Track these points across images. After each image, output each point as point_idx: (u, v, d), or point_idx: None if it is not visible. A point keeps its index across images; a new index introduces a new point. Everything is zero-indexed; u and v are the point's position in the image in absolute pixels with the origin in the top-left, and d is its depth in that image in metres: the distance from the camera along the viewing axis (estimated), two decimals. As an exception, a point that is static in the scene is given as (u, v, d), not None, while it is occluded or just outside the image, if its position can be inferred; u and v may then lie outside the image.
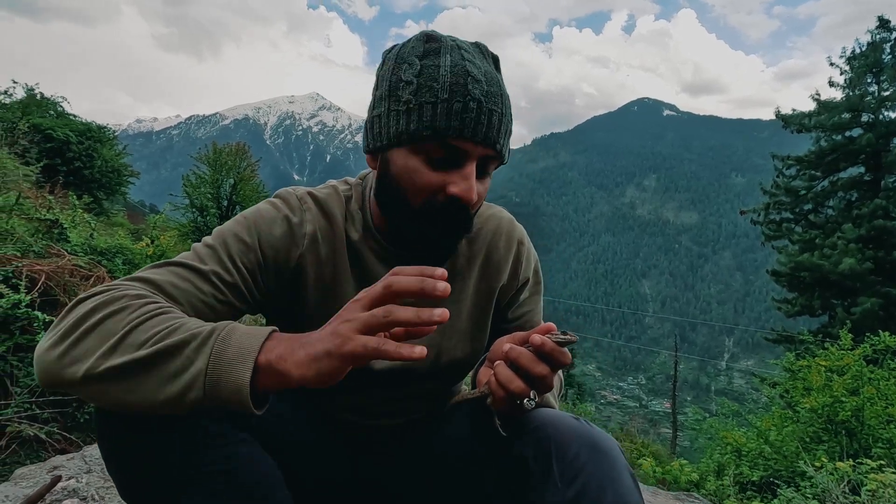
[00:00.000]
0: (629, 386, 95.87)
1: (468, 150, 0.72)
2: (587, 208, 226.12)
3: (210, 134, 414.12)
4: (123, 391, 0.56)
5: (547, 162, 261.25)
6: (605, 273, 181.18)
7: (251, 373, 0.53)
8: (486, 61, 0.76)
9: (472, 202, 0.73)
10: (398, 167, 0.74)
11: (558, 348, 0.66)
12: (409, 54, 0.74)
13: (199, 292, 0.69)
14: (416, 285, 0.55)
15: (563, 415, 0.74)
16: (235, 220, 0.79)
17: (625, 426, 18.94)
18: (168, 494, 0.63)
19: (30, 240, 2.52)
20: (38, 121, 11.19)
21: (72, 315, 0.60)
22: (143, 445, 0.62)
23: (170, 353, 0.55)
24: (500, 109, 0.73)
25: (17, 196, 2.89)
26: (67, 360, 0.57)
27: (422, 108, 0.71)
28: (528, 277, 0.93)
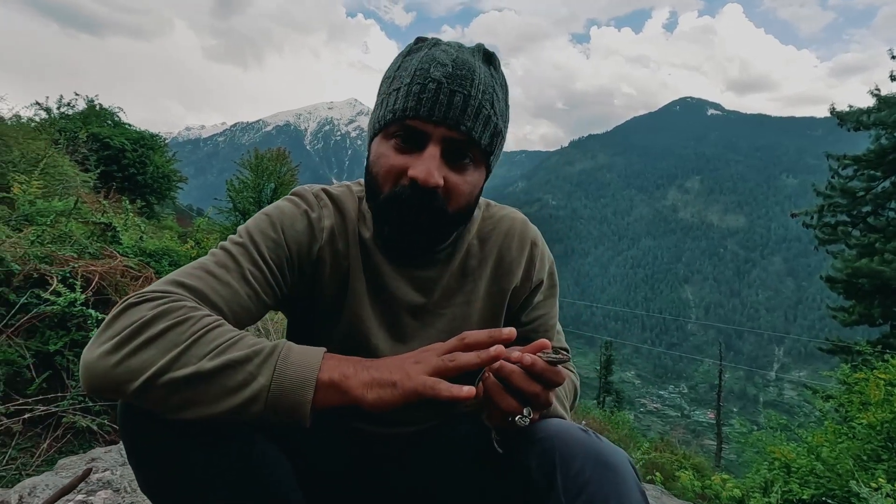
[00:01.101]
0: (670, 395, 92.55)
1: (427, 130, 0.72)
2: (626, 211, 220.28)
3: (253, 140, 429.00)
4: (183, 400, 0.58)
5: (584, 164, 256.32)
6: (645, 278, 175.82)
7: (313, 391, 0.58)
8: (472, 56, 0.76)
9: (428, 183, 0.71)
10: (373, 155, 0.77)
11: (550, 368, 0.64)
12: (398, 57, 0.79)
13: (237, 294, 0.71)
14: (485, 336, 0.62)
15: (571, 426, 0.72)
16: (260, 218, 0.80)
17: (665, 436, 18.29)
18: (185, 491, 0.65)
19: (86, 242, 2.68)
20: (97, 130, 11.90)
21: (125, 321, 0.61)
22: (164, 443, 0.63)
23: (233, 366, 0.58)
24: (466, 91, 0.72)
25: (76, 201, 3.08)
26: (124, 369, 0.57)
27: (389, 96, 0.75)
28: (541, 279, 0.91)
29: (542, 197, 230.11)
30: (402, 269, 0.84)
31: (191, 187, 22.82)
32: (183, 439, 0.63)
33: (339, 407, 0.60)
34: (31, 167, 4.47)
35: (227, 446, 0.66)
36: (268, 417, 0.58)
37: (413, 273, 0.84)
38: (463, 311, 0.86)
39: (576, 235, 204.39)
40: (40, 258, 2.35)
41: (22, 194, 3.57)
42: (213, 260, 0.73)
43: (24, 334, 2.13)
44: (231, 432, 0.66)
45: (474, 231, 0.89)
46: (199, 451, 0.64)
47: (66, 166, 6.10)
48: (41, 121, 10.77)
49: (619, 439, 8.35)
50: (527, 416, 0.66)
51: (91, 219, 2.97)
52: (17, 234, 2.63)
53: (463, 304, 0.86)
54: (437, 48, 0.76)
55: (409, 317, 0.85)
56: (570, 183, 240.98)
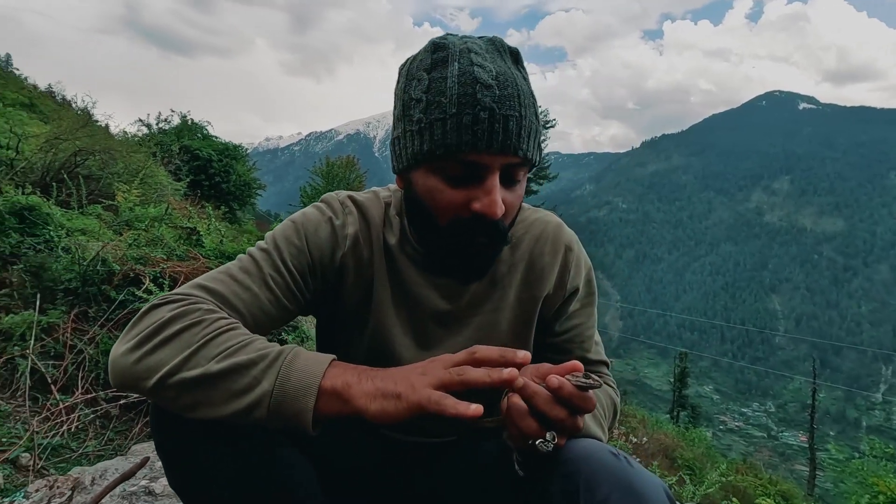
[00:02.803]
0: (755, 413, 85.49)
1: (486, 163, 0.68)
2: (704, 215, 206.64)
3: (326, 148, 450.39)
4: (193, 401, 0.59)
5: (658, 165, 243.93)
6: (726, 286, 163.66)
7: (315, 398, 0.57)
8: (502, 58, 0.71)
9: (496, 216, 0.68)
10: (420, 188, 0.73)
11: (578, 393, 0.59)
12: (418, 69, 0.71)
13: (257, 299, 0.72)
14: (496, 354, 0.59)
15: (600, 449, 0.66)
16: (285, 225, 0.81)
17: (748, 457, 16.88)
18: (208, 489, 0.66)
19: (174, 245, 2.93)
20: (188, 142, 12.99)
21: (147, 321, 0.64)
22: (186, 441, 0.65)
23: (238, 370, 0.59)
24: (517, 112, 0.68)
25: (167, 207, 3.38)
26: (142, 367, 0.60)
27: (432, 126, 0.68)
28: (577, 287, 0.86)
29: (612, 200, 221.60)
30: (429, 276, 0.82)
31: (269, 194, 24.51)
32: (204, 438, 0.64)
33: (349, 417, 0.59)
34: (132, 177, 4.96)
35: (246, 448, 0.66)
36: (273, 423, 0.58)
37: (439, 280, 0.82)
38: (491, 318, 0.83)
39: (647, 240, 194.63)
40: (136, 259, 2.59)
41: (124, 202, 3.97)
42: (238, 265, 0.75)
43: (121, 328, 2.35)
44: (251, 433, 0.66)
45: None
46: (218, 451, 0.65)
47: (161, 176, 6.72)
48: (143, 136, 11.95)
49: (695, 458, 7.81)
50: (550, 441, 0.61)
51: (179, 224, 3.23)
52: (118, 238, 2.91)
53: (491, 312, 0.83)
54: (469, 61, 0.68)
55: (435, 324, 0.83)
56: (641, 185, 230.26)
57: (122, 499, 1.20)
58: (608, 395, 0.86)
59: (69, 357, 2.21)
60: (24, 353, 2.18)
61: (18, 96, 11.14)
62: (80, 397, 2.09)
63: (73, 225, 3.24)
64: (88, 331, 2.33)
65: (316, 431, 0.59)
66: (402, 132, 0.73)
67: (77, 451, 1.89)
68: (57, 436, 1.93)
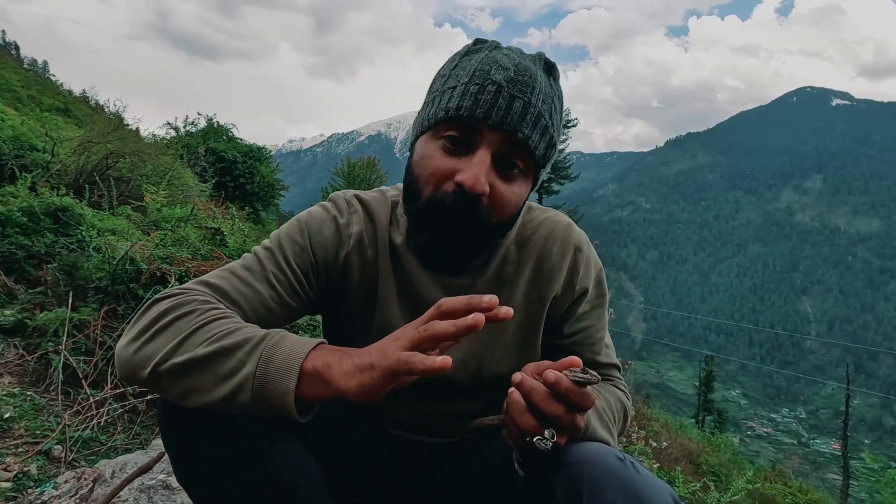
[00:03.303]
0: (784, 419, 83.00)
1: (481, 133, 0.68)
2: (731, 215, 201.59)
3: (348, 150, 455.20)
4: (184, 388, 0.60)
5: (682, 164, 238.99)
6: (754, 287, 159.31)
7: (296, 379, 0.55)
8: (533, 63, 0.72)
9: (474, 190, 0.67)
10: (417, 154, 0.74)
11: (576, 388, 0.58)
12: (455, 55, 0.76)
13: (259, 295, 0.73)
14: (462, 303, 0.55)
15: (605, 452, 0.64)
16: (290, 224, 0.82)
17: (777, 465, 16.38)
18: (211, 483, 0.67)
19: (199, 245, 2.99)
20: (214, 145, 13.29)
21: (147, 315, 0.65)
22: (193, 436, 0.66)
23: (224, 354, 0.58)
24: (526, 98, 0.68)
25: (192, 208, 3.46)
26: (140, 357, 0.62)
27: (444, 94, 0.71)
28: (586, 288, 0.83)
29: (635, 200, 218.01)
30: (434, 276, 0.81)
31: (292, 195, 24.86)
32: (206, 433, 0.65)
33: (365, 407, 0.57)
34: (160, 179, 5.10)
35: (248, 443, 0.66)
36: (258, 408, 0.57)
37: (445, 280, 0.81)
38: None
39: (672, 241, 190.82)
40: (162, 259, 2.66)
41: (152, 203, 4.08)
42: (242, 263, 0.76)
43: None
44: (254, 429, 0.66)
45: (513, 236, 0.83)
46: (221, 446, 0.65)
47: (188, 177, 6.89)
48: (170, 138, 12.27)
49: (720, 463, 7.61)
50: (548, 439, 0.59)
51: (204, 224, 3.31)
52: (145, 238, 3.00)
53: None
54: (498, 51, 0.72)
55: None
56: (665, 185, 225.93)
57: (141, 492, 1.22)
58: (618, 398, 0.84)
59: (99, 353, 2.29)
60: (57, 349, 2.26)
61: (55, 101, 11.59)
62: (110, 392, 2.15)
63: (104, 225, 3.35)
64: (117, 328, 2.40)
65: (304, 418, 0.57)
66: (422, 106, 0.75)
67: (106, 445, 1.95)
68: (87, 429, 2.00)
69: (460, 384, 0.82)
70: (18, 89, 9.09)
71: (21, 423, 1.94)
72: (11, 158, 4.46)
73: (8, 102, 6.96)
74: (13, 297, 2.80)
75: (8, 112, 5.53)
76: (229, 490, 0.67)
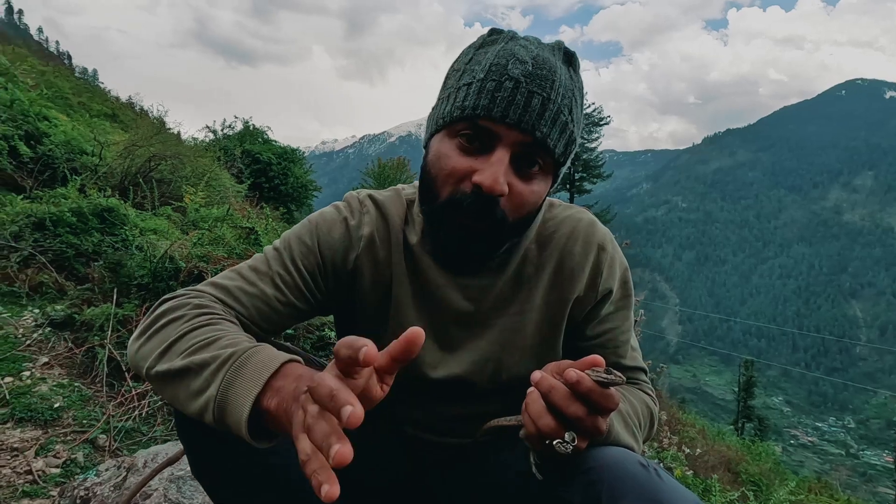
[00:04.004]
0: (831, 428, 79.05)
1: (499, 132, 0.65)
2: (773, 214, 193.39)
3: (379, 150, 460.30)
4: (168, 395, 0.60)
5: (721, 162, 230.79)
6: (798, 290, 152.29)
7: (248, 413, 0.50)
8: (552, 53, 0.69)
9: (493, 191, 0.65)
10: (433, 153, 0.71)
11: (598, 389, 0.54)
12: (469, 47, 0.73)
13: (263, 295, 0.72)
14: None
15: (627, 458, 0.60)
16: (302, 224, 0.81)
17: (823, 476, 15.63)
18: (222, 481, 0.68)
19: (234, 244, 3.09)
20: (250, 147, 13.70)
21: (152, 314, 0.67)
22: (204, 433, 0.66)
23: (194, 370, 0.57)
24: (545, 93, 0.65)
25: (228, 208, 3.57)
26: (138, 356, 0.63)
27: (459, 90, 0.68)
28: (610, 288, 0.80)
29: (671, 199, 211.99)
30: (451, 276, 0.78)
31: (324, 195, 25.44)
32: (210, 429, 0.62)
33: (381, 407, 0.51)
34: (199, 180, 5.28)
35: (249, 444, 0.65)
36: (222, 429, 0.54)
37: (463, 280, 0.78)
38: (516, 321, 0.79)
39: (709, 241, 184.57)
40: (200, 257, 2.75)
41: (191, 203, 4.24)
42: (249, 264, 0.76)
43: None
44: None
45: (533, 234, 0.80)
46: (225, 442, 0.65)
47: (225, 179, 7.12)
48: (209, 141, 12.71)
49: (761, 473, 7.31)
50: (569, 443, 0.56)
51: (239, 224, 3.41)
52: (184, 237, 3.11)
53: (516, 314, 0.79)
54: (515, 42, 0.69)
55: (457, 326, 0.80)
56: (702, 183, 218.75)
57: (170, 482, 1.26)
58: (644, 402, 0.80)
59: (141, 347, 2.39)
60: (102, 343, 2.37)
61: (103, 108, 12.17)
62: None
63: (146, 225, 3.50)
64: (158, 323, 2.51)
65: (264, 445, 0.53)
66: (436, 102, 0.73)
67: (147, 435, 2.04)
68: (129, 420, 2.09)
69: (477, 386, 0.80)
70: (70, 96, 9.58)
71: (69, 413, 2.05)
72: (63, 162, 4.71)
73: (61, 109, 7.36)
74: (63, 293, 2.96)
75: (60, 118, 5.85)
76: (239, 485, 0.68)
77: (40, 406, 2.01)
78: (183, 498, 1.22)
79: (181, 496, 1.22)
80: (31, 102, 5.15)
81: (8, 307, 2.85)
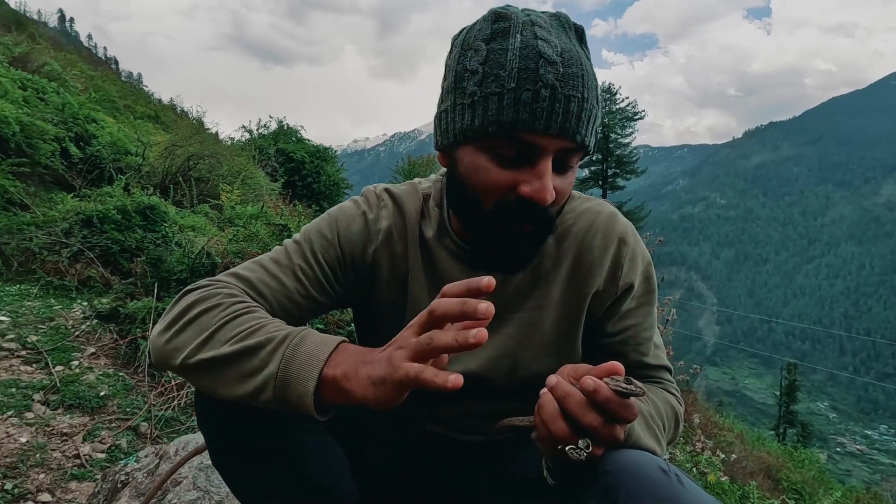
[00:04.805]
0: (882, 437, 74.79)
1: (541, 144, 0.63)
2: (820, 211, 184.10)
3: (409, 148, 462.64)
4: (210, 382, 0.61)
5: (763, 156, 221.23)
6: (846, 291, 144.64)
7: (315, 384, 0.54)
8: (567, 35, 0.66)
9: (546, 203, 0.64)
10: (465, 166, 0.68)
11: (616, 399, 0.52)
12: (476, 38, 0.66)
13: (284, 288, 0.72)
14: (456, 308, 0.50)
15: (647, 462, 0.58)
16: (321, 218, 0.81)
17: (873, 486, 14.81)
18: (242, 470, 0.69)
19: (268, 240, 3.17)
20: (284, 146, 13.99)
21: (178, 305, 0.66)
22: (225, 422, 0.67)
23: (248, 353, 0.58)
24: (579, 94, 0.62)
25: (262, 206, 3.66)
26: (170, 348, 0.63)
27: (487, 100, 0.63)
28: (631, 283, 0.77)
29: (709, 195, 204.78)
30: (467, 270, 0.77)
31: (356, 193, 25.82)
32: (235, 419, 0.66)
33: (406, 407, 0.56)
34: (234, 179, 5.45)
35: (276, 431, 0.66)
36: (280, 406, 0.57)
37: (479, 275, 0.74)
38: (533, 316, 0.78)
39: (750, 239, 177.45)
40: (235, 253, 2.84)
41: (227, 201, 4.37)
42: (270, 256, 0.76)
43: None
44: (280, 418, 0.66)
45: None
46: (246, 432, 0.67)
47: (260, 177, 7.31)
48: (245, 140, 13.07)
49: (804, 481, 6.99)
50: (583, 450, 0.54)
51: (273, 221, 3.50)
52: (220, 234, 3.21)
53: (534, 309, 0.78)
54: (533, 34, 0.63)
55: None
56: (743, 179, 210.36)
57: (199, 470, 1.30)
58: (668, 402, 0.77)
59: (180, 340, 2.49)
60: (144, 335, 2.48)
61: (146, 110, 12.69)
62: (188, 376, 2.33)
63: (185, 222, 3.64)
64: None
65: (323, 417, 0.57)
66: (451, 105, 0.68)
67: (185, 424, 2.12)
68: (169, 409, 2.17)
69: (493, 383, 0.79)
70: (116, 100, 10.03)
71: (114, 401, 2.15)
72: (109, 162, 4.94)
73: (108, 112, 7.71)
74: (109, 287, 3.11)
75: (107, 121, 6.14)
76: (258, 476, 0.69)
77: (88, 394, 2.12)
78: (211, 486, 1.26)
79: (209, 484, 1.26)
80: (80, 106, 5.43)
81: (59, 300, 3.02)
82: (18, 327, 2.56)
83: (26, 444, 1.76)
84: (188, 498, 1.22)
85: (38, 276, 3.16)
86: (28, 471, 1.64)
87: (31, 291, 3.03)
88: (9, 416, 1.89)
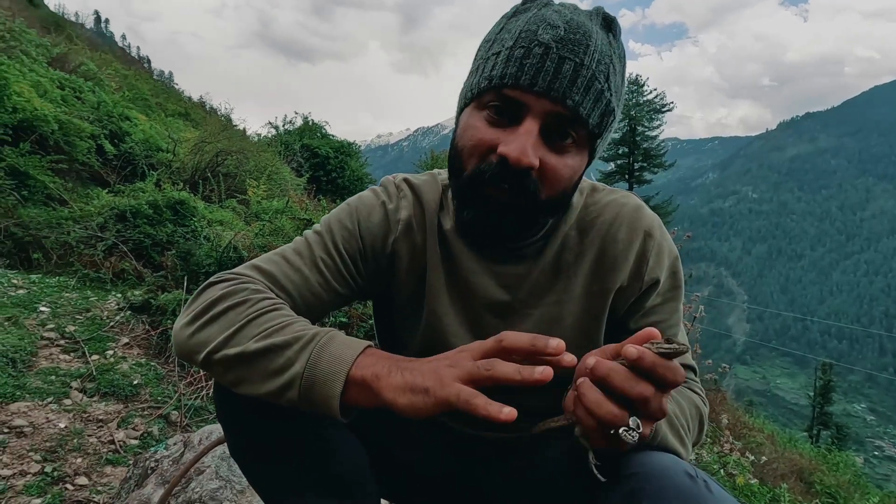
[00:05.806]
0: (924, 441, 71.60)
1: (527, 102, 0.62)
2: (860, 205, 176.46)
3: (432, 143, 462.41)
4: (235, 377, 0.61)
5: (799, 148, 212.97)
6: (887, 288, 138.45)
7: (342, 385, 0.54)
8: (588, 17, 0.65)
9: (520, 163, 0.61)
10: (461, 126, 0.69)
11: (662, 361, 0.49)
12: (501, 19, 0.70)
13: (307, 281, 0.72)
14: (526, 342, 0.51)
15: (672, 465, 0.55)
16: (341, 208, 0.80)
17: (913, 493, 14.19)
18: (259, 463, 0.69)
19: (293, 235, 3.22)
20: (309, 141, 14.17)
21: (202, 298, 0.66)
22: (242, 414, 0.68)
23: (274, 350, 0.58)
24: (577, 59, 0.61)
25: (287, 201, 3.72)
26: (195, 342, 0.62)
27: (487, 60, 0.66)
28: (656, 278, 0.74)
29: (740, 189, 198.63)
30: (487, 264, 0.75)
31: (379, 188, 26.03)
32: (253, 412, 0.66)
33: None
34: (261, 174, 5.55)
35: (296, 426, 0.67)
36: (304, 405, 0.57)
37: (498, 268, 0.75)
38: (554, 311, 0.75)
39: (783, 234, 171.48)
40: (261, 247, 2.89)
41: (254, 196, 4.46)
42: (292, 247, 0.76)
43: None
44: (300, 413, 0.65)
45: (573, 220, 0.76)
46: (266, 426, 0.67)
47: (285, 172, 7.43)
48: (271, 136, 13.29)
49: (838, 484, 6.75)
50: (635, 430, 0.51)
51: (297, 215, 3.55)
52: (247, 228, 3.28)
53: (554, 305, 0.75)
54: (549, 8, 0.66)
55: (492, 316, 0.77)
56: (777, 172, 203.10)
57: (222, 460, 1.33)
58: (693, 403, 0.74)
59: (208, 331, 2.55)
60: (174, 326, 2.56)
61: (177, 107, 13.03)
62: (216, 367, 2.40)
63: (213, 217, 3.72)
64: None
65: (346, 419, 0.57)
66: (468, 75, 0.71)
67: (213, 413, 2.18)
68: (198, 398, 2.24)
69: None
70: (149, 98, 10.32)
71: (146, 390, 2.23)
72: (142, 158, 5.10)
73: (140, 110, 7.95)
74: (141, 279, 3.21)
75: (140, 118, 6.33)
76: (277, 469, 0.69)
77: (122, 382, 2.20)
78: (233, 475, 1.29)
79: (231, 474, 1.29)
80: (114, 104, 5.61)
81: (95, 291, 3.14)
82: (58, 318, 2.68)
83: (65, 429, 1.84)
84: (211, 487, 1.25)
85: (75, 268, 3.29)
86: (66, 455, 1.71)
87: (69, 283, 3.16)
88: (49, 402, 1.98)
